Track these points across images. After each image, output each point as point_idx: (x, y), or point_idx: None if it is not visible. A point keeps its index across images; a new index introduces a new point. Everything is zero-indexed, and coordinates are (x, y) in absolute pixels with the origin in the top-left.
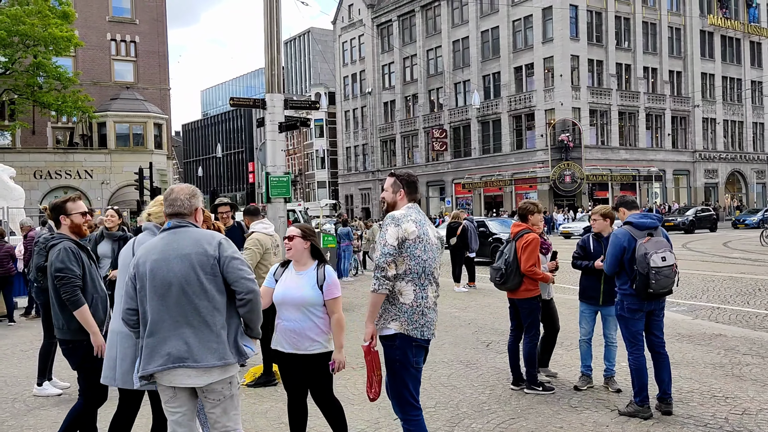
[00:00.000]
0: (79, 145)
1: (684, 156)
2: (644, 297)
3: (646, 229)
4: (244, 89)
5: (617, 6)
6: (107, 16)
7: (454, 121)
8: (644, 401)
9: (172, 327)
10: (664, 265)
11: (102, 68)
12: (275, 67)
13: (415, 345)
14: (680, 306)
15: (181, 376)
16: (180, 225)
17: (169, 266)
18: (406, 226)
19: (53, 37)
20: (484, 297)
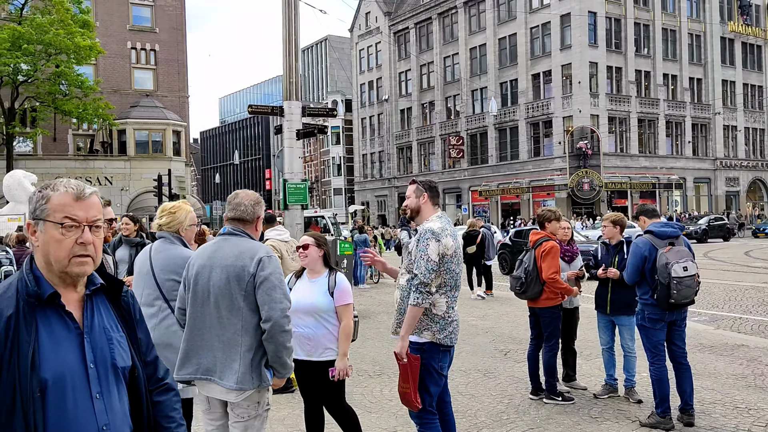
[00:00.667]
0: (100, 152)
1: (705, 164)
2: (666, 307)
3: (668, 238)
4: (261, 97)
5: (636, 12)
6: (128, 24)
7: (471, 128)
8: (666, 412)
9: (205, 337)
10: (686, 275)
11: (122, 76)
12: (293, 74)
13: (442, 350)
14: (702, 316)
15: (213, 389)
16: (234, 232)
17: (210, 275)
18: (446, 242)
19: (76, 46)
20: (502, 305)
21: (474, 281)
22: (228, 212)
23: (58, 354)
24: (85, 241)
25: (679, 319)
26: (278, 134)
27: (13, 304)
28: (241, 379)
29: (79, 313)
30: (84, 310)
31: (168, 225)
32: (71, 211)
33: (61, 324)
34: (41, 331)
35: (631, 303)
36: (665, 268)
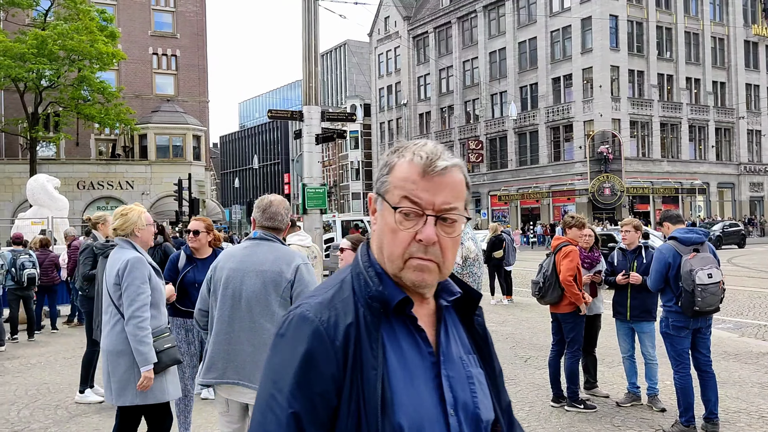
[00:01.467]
0: (121, 157)
1: (728, 168)
2: (690, 314)
3: (692, 244)
4: (280, 101)
5: (658, 16)
6: (149, 30)
7: (490, 132)
8: (690, 421)
9: (234, 341)
10: (710, 282)
11: (144, 81)
12: (313, 79)
13: None
14: (726, 323)
15: (237, 393)
16: (265, 237)
17: (243, 279)
18: (468, 245)
19: (99, 53)
20: (522, 311)
21: (496, 287)
22: (264, 221)
23: (413, 391)
24: (425, 239)
25: (703, 327)
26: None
27: (352, 309)
28: None
29: (431, 332)
30: (438, 329)
31: (122, 227)
32: (413, 190)
33: (411, 345)
34: (389, 354)
35: (651, 309)
36: (689, 275)
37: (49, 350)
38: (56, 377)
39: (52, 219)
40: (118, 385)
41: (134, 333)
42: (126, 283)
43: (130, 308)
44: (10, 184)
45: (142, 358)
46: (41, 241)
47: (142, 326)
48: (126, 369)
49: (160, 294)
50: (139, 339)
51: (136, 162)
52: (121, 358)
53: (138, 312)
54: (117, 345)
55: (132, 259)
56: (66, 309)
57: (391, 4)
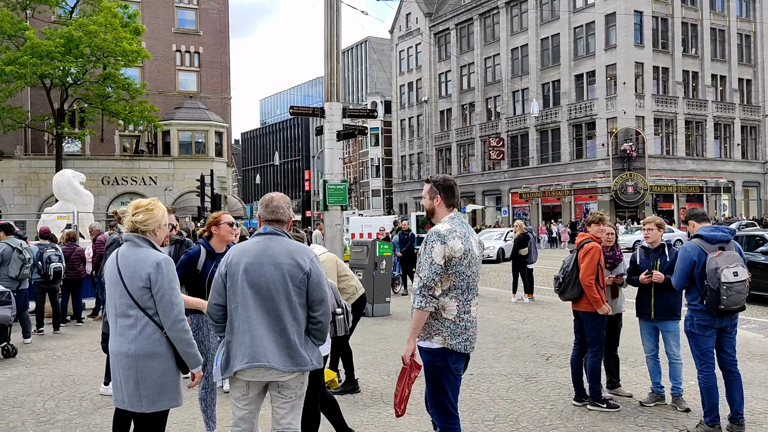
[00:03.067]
0: (145, 153)
1: (754, 167)
2: (716, 313)
3: (718, 242)
4: (301, 98)
5: (684, 12)
6: (173, 28)
7: (511, 129)
8: (715, 421)
9: (255, 329)
10: (736, 281)
11: (167, 78)
12: (335, 76)
13: (456, 355)
14: (751, 323)
15: (260, 374)
16: (275, 233)
17: (262, 271)
18: (453, 244)
19: (123, 51)
20: (543, 309)
21: (519, 284)
22: (267, 215)
23: None
24: None
25: (729, 326)
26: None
27: None
28: (299, 361)
29: None
30: None
31: (144, 223)
32: None
33: None
34: None
35: (675, 308)
36: (715, 273)
37: (75, 342)
38: (81, 369)
39: (77, 214)
40: (152, 390)
41: (182, 337)
42: (161, 287)
43: (172, 313)
44: (36, 180)
45: (194, 360)
46: (68, 235)
47: (187, 329)
48: (161, 373)
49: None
50: (188, 342)
51: (160, 158)
52: (155, 361)
53: (181, 315)
54: (150, 348)
55: (163, 260)
56: (91, 302)
57: (412, 0)
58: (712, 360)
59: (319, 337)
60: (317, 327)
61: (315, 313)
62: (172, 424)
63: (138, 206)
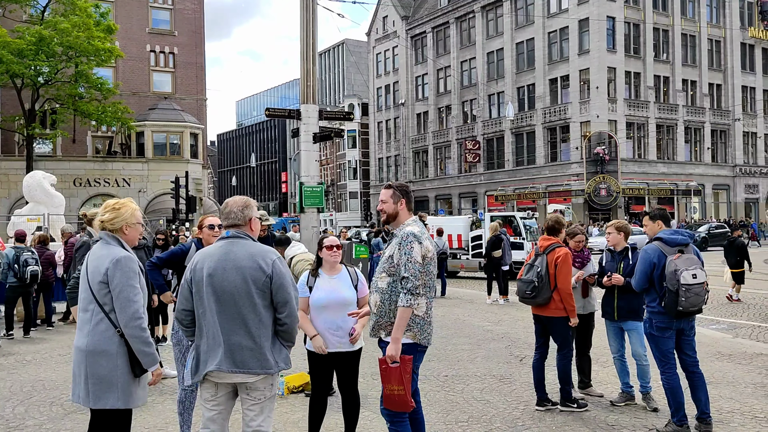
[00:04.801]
0: (118, 154)
1: (724, 170)
2: (674, 315)
3: (677, 245)
4: (278, 100)
5: (655, 18)
6: (147, 28)
7: (487, 132)
8: (682, 420)
9: (221, 333)
10: (695, 283)
11: (141, 79)
12: (311, 78)
13: (419, 350)
14: (720, 324)
15: (229, 376)
16: (237, 236)
17: (224, 275)
18: (426, 244)
19: (96, 49)
20: (517, 311)
21: (493, 286)
22: (223, 221)
23: None
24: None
25: (687, 328)
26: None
27: None
28: (265, 364)
29: None
30: None
31: (111, 222)
32: None
33: None
34: None
35: (637, 309)
36: (674, 275)
37: (45, 347)
38: (51, 374)
39: (48, 216)
40: (98, 387)
41: (137, 335)
42: (119, 283)
43: (128, 310)
44: (6, 181)
45: (149, 359)
46: (39, 238)
47: (144, 327)
48: (109, 370)
49: (144, 292)
50: (144, 340)
51: (133, 159)
52: (103, 358)
53: (138, 314)
54: (100, 345)
55: (122, 257)
56: (62, 306)
57: (389, 3)
58: (674, 361)
59: (287, 339)
60: (284, 329)
61: (280, 315)
62: (144, 429)
63: (107, 206)
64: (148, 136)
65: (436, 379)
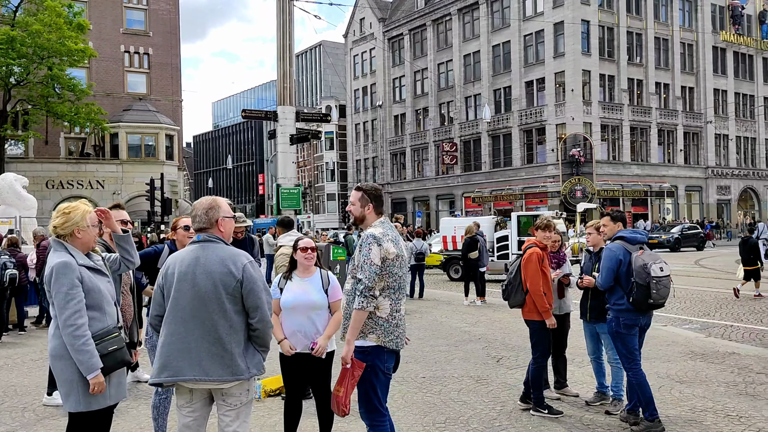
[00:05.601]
0: (92, 156)
1: (696, 172)
2: (644, 309)
3: (638, 243)
4: (255, 101)
5: (629, 21)
6: (121, 28)
7: (464, 134)
8: (654, 415)
9: (188, 339)
10: (663, 275)
11: (115, 79)
12: (287, 79)
13: (387, 351)
14: (693, 324)
15: (202, 382)
16: (208, 240)
17: (194, 281)
18: (387, 246)
19: (68, 50)
20: (495, 312)
21: (471, 288)
22: (192, 225)
23: None
24: None
25: (646, 325)
26: (272, 139)
27: None
28: (235, 370)
29: None
30: None
31: (62, 227)
32: None
33: None
34: None
35: None
36: (643, 269)
37: (17, 352)
38: (23, 379)
39: (19, 218)
40: (63, 389)
41: (70, 342)
42: (54, 291)
43: (61, 317)
44: None
45: (84, 366)
46: (10, 241)
47: (77, 334)
48: (69, 374)
49: (101, 294)
50: (77, 348)
51: (107, 161)
52: (61, 362)
53: (70, 320)
54: (57, 349)
55: (56, 265)
56: (34, 310)
57: (366, 5)
58: (639, 357)
59: (260, 344)
60: (256, 334)
61: (252, 320)
62: None
63: (58, 210)
64: (123, 137)
65: (414, 381)
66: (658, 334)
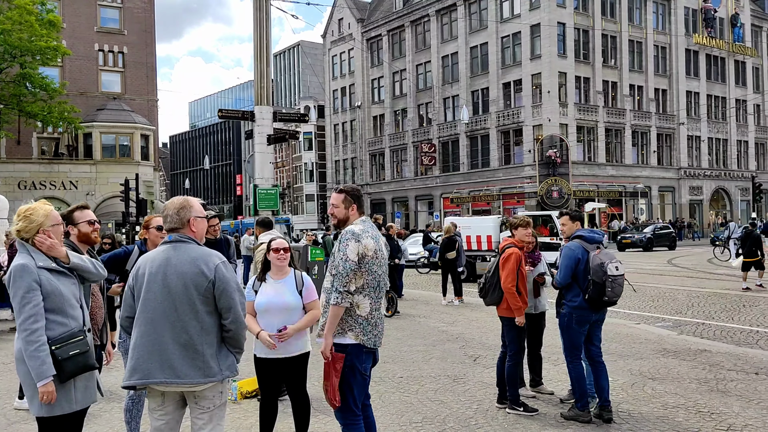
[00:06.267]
0: (65, 156)
1: (669, 173)
2: (598, 306)
3: (596, 243)
4: (232, 101)
5: (604, 24)
6: (95, 26)
7: (442, 135)
8: (585, 406)
9: (159, 341)
10: (618, 274)
11: (89, 78)
12: (265, 79)
13: (365, 351)
14: (666, 321)
15: (174, 384)
16: (179, 240)
17: (165, 281)
18: (366, 243)
19: (40, 48)
20: (472, 311)
21: (448, 288)
22: (164, 225)
23: None
24: None
25: (600, 320)
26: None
27: None
28: (207, 372)
29: None
30: None
31: (24, 231)
32: None
33: None
34: None
35: None
36: (600, 267)
37: None
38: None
39: None
40: (27, 393)
41: (24, 347)
42: (11, 293)
43: (17, 321)
44: None
45: (34, 372)
46: None
47: (30, 339)
48: (32, 378)
49: (62, 297)
50: (29, 354)
51: (81, 161)
52: (25, 366)
53: (25, 324)
54: (21, 353)
55: (14, 268)
56: (6, 313)
57: (344, 6)
58: (581, 352)
59: (233, 345)
60: (229, 335)
61: (224, 321)
62: None
63: (18, 213)
64: (97, 137)
65: (391, 381)
66: (630, 332)
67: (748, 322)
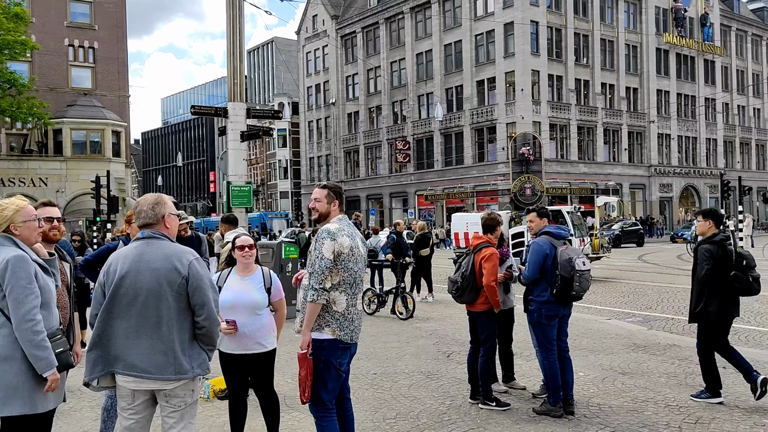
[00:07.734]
0: (34, 152)
1: (640, 170)
2: (566, 300)
3: (562, 238)
4: (205, 98)
5: (576, 23)
6: (65, 21)
7: (417, 133)
8: (557, 401)
9: (130, 336)
10: (585, 269)
11: (59, 74)
12: (238, 76)
13: (342, 347)
14: (635, 317)
15: (144, 382)
16: (153, 236)
17: (138, 277)
18: (342, 241)
19: (7, 42)
20: (446, 308)
21: (422, 284)
22: (136, 221)
23: None
24: None
25: (567, 315)
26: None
27: None
28: (179, 369)
29: None
30: None
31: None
32: None
33: None
34: None
35: None
36: (569, 262)
37: None
38: None
39: None
40: (4, 393)
41: (29, 338)
42: (10, 285)
43: (18, 312)
44: None
45: (43, 363)
46: None
47: (37, 330)
48: (14, 375)
49: (50, 293)
50: (36, 344)
51: (50, 158)
52: (8, 364)
53: (29, 315)
54: (3, 350)
55: (12, 258)
56: None
57: (318, 2)
58: (555, 347)
59: (206, 342)
60: (202, 332)
61: (198, 317)
62: None
63: None
64: (67, 133)
65: (365, 378)
66: (601, 327)
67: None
